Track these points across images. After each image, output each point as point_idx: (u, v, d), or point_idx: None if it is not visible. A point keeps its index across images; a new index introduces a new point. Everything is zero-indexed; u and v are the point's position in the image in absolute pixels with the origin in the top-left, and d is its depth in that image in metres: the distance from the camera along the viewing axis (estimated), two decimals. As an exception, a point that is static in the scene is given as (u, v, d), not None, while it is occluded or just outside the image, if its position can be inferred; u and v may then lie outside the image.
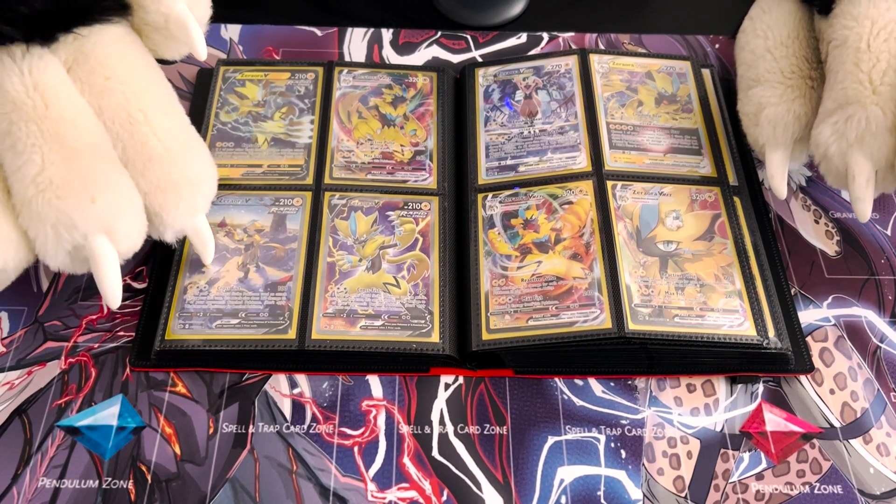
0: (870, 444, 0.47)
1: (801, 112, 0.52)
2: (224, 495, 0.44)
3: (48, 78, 0.43)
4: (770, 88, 0.53)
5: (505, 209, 0.54)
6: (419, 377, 0.49)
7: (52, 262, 0.42)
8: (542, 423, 0.47)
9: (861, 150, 0.47)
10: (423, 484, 0.45)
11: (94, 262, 0.42)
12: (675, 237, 0.51)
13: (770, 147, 0.52)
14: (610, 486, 0.45)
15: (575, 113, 0.58)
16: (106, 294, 0.43)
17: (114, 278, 0.42)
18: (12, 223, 0.42)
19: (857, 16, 0.49)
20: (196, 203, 0.46)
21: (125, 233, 0.43)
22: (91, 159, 0.42)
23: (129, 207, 0.43)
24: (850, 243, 0.56)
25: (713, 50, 0.67)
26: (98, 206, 0.41)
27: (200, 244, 0.48)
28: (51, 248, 0.41)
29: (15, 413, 0.47)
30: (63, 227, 0.41)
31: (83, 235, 0.41)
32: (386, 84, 0.61)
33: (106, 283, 0.42)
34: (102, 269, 0.42)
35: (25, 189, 0.41)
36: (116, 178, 0.43)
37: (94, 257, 0.42)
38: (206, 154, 0.48)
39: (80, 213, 0.41)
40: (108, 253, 0.42)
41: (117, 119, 0.44)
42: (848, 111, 0.47)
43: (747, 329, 0.47)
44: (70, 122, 0.42)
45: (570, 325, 0.47)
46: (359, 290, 0.50)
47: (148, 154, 0.44)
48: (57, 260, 0.42)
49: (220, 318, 0.48)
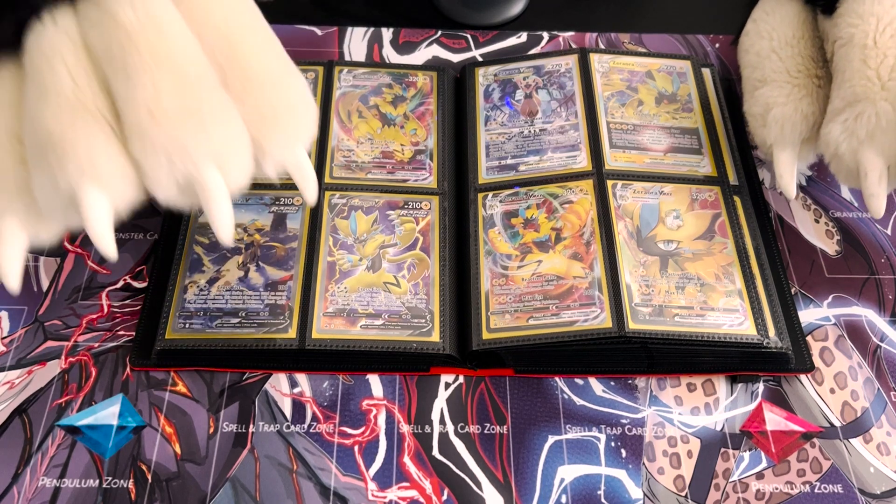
0: (870, 444, 0.47)
1: (809, 111, 0.52)
2: (224, 495, 0.44)
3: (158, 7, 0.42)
4: (777, 88, 0.53)
5: (505, 208, 0.54)
6: (419, 376, 0.49)
7: (161, 193, 0.40)
8: (542, 422, 0.47)
9: (872, 146, 0.47)
10: (423, 483, 0.45)
11: (204, 194, 0.40)
12: (675, 236, 0.51)
13: (778, 147, 0.52)
14: (610, 486, 0.45)
15: (575, 112, 0.58)
16: (217, 228, 0.41)
17: (225, 212, 0.41)
18: (128, 158, 0.40)
19: (863, 13, 0.49)
20: (296, 132, 0.45)
21: (236, 166, 0.42)
22: (203, 90, 0.41)
23: (240, 141, 0.42)
24: (851, 243, 0.56)
25: (713, 49, 0.67)
26: (211, 137, 0.40)
27: (301, 178, 0.45)
28: (163, 177, 0.40)
29: (15, 412, 0.47)
30: (177, 156, 0.40)
31: (196, 165, 0.40)
32: (386, 83, 0.61)
33: (216, 216, 0.41)
34: (213, 202, 0.41)
35: (139, 116, 0.40)
36: (228, 111, 0.42)
37: (206, 189, 0.40)
38: (305, 85, 0.46)
39: (195, 141, 0.40)
40: (219, 185, 0.41)
41: (217, 46, 0.43)
42: (857, 108, 0.47)
43: (747, 328, 0.47)
44: (181, 50, 0.42)
45: (571, 325, 0.47)
46: (359, 290, 0.50)
47: (248, 77, 0.43)
48: (167, 191, 0.41)
49: (220, 318, 0.48)
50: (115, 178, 0.40)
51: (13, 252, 0.41)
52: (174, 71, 0.41)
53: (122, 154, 0.40)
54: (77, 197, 0.39)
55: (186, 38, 0.42)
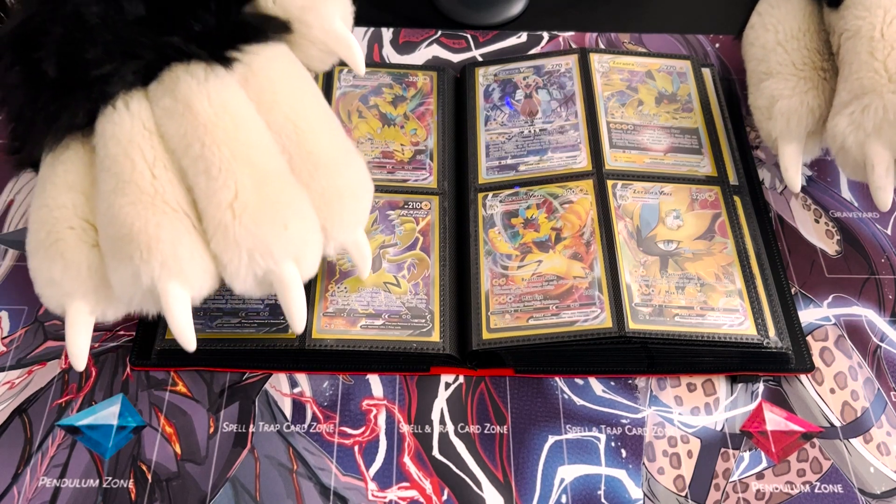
0: (870, 444, 0.47)
1: (815, 104, 0.51)
2: (224, 495, 0.44)
3: (233, 98, 0.42)
4: (782, 81, 0.52)
5: (505, 208, 0.54)
6: (419, 376, 0.49)
7: (238, 286, 0.41)
8: (542, 422, 0.47)
9: (879, 139, 0.46)
10: (423, 483, 0.45)
11: (282, 289, 0.41)
12: (675, 236, 0.51)
13: (783, 140, 0.52)
14: (610, 486, 0.45)
15: (575, 112, 0.58)
16: (292, 318, 0.42)
17: (301, 303, 0.42)
18: (207, 252, 0.41)
19: (870, 5, 0.49)
20: (358, 215, 0.45)
21: (311, 259, 0.43)
22: (280, 184, 0.42)
23: (315, 233, 0.43)
24: (851, 242, 0.56)
25: (713, 49, 0.67)
26: (290, 234, 0.41)
27: (360, 258, 0.47)
28: (242, 272, 0.41)
29: (15, 412, 0.47)
30: (259, 254, 0.40)
31: (276, 262, 0.41)
32: (386, 83, 0.61)
33: (293, 307, 0.42)
34: (291, 295, 0.42)
35: (221, 214, 0.40)
36: (303, 205, 0.42)
37: (284, 284, 0.41)
38: (364, 167, 0.47)
39: (276, 239, 0.40)
40: (296, 279, 0.42)
41: (284, 132, 0.44)
42: (864, 101, 0.47)
43: (747, 328, 0.47)
44: (257, 145, 0.42)
45: (571, 325, 0.47)
46: (359, 290, 0.50)
47: (314, 163, 0.44)
48: (245, 285, 0.41)
49: (220, 318, 0.48)
50: (197, 273, 0.40)
51: (81, 337, 0.42)
52: (252, 166, 0.41)
53: (203, 248, 0.41)
54: (159, 291, 0.40)
55: (260, 130, 0.43)
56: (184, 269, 0.40)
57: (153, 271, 0.39)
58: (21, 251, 0.53)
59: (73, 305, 0.42)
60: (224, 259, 0.40)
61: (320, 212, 0.43)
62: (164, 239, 0.39)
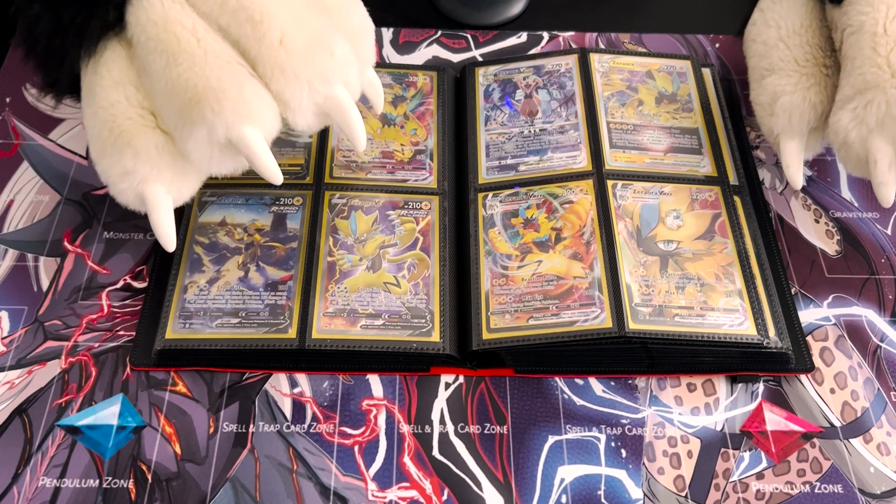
0: (870, 444, 0.47)
1: (817, 100, 0.51)
2: (224, 495, 0.44)
3: None
4: (785, 77, 0.52)
5: (505, 208, 0.54)
6: (419, 376, 0.49)
7: (301, 121, 0.44)
8: (542, 422, 0.47)
9: (882, 134, 0.46)
10: (423, 483, 0.45)
11: (341, 112, 0.45)
12: (675, 236, 0.51)
13: (785, 136, 0.52)
14: (610, 486, 0.45)
15: (575, 112, 0.58)
16: (356, 136, 0.46)
17: (360, 121, 0.46)
18: (269, 94, 0.43)
19: (873, 1, 0.49)
20: (371, 53, 0.49)
21: (356, 82, 0.46)
22: (315, 17, 0.45)
23: (353, 58, 0.46)
24: (851, 243, 0.56)
25: (713, 49, 0.67)
26: (337, 59, 0.44)
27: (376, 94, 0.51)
28: (304, 104, 0.44)
29: (15, 412, 0.47)
30: (317, 82, 0.43)
31: (332, 86, 0.44)
32: (386, 83, 0.61)
33: (355, 127, 0.46)
34: (350, 116, 0.45)
35: (276, 54, 0.43)
36: (338, 35, 0.45)
37: (341, 107, 0.45)
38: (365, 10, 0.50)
39: (329, 65, 0.44)
40: (351, 101, 0.45)
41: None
42: (867, 96, 0.47)
43: (748, 328, 0.47)
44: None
45: (571, 325, 0.47)
46: (359, 290, 0.50)
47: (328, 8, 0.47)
48: (307, 118, 0.44)
49: (220, 318, 0.48)
50: (265, 114, 0.43)
51: (165, 217, 0.45)
52: (285, 5, 0.44)
53: (264, 89, 0.43)
54: (237, 138, 0.42)
55: None
56: (253, 112, 0.42)
57: (227, 120, 0.41)
58: (21, 251, 0.53)
59: (150, 188, 0.44)
60: (286, 95, 0.43)
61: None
62: (228, 89, 0.42)
